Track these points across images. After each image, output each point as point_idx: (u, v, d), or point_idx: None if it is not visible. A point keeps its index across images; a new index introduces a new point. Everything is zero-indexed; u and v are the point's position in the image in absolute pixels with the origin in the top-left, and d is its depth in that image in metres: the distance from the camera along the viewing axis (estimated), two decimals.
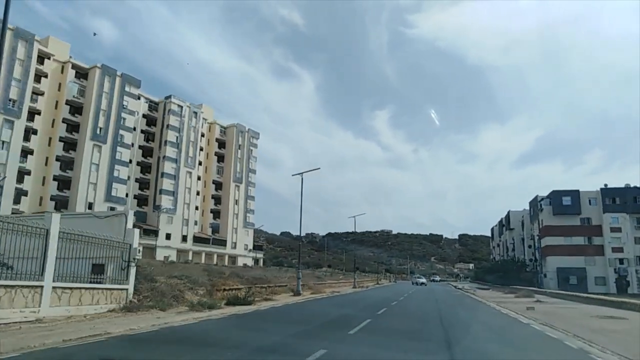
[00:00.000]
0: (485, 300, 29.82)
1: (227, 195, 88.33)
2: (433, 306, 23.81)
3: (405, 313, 20.04)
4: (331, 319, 16.63)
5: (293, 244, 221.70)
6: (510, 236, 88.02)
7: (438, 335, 12.15)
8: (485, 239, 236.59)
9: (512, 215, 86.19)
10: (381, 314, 18.08)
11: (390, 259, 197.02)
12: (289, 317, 16.94)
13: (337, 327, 13.42)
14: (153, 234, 74.31)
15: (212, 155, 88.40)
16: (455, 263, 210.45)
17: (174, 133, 78.85)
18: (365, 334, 11.94)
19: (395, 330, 13.58)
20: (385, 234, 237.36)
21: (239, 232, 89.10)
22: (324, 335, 11.40)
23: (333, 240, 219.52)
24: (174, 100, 79.46)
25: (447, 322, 15.71)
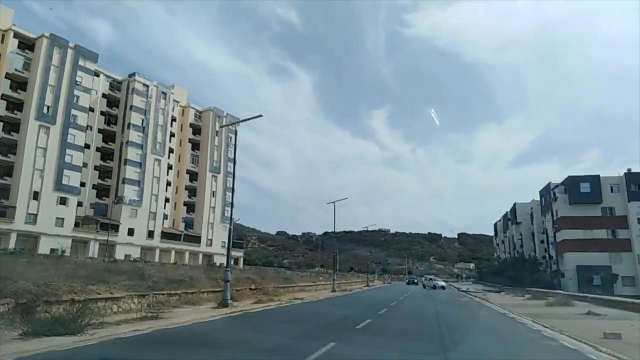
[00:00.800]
0: (510, 312, 20.00)
1: (203, 186, 78.46)
2: (432, 327, 14.15)
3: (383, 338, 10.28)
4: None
5: (287, 244, 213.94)
6: (517, 231, 78.26)
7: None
8: (486, 238, 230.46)
9: (518, 207, 76.46)
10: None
11: (387, 258, 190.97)
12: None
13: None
14: (113, 229, 64.45)
15: (185, 142, 78.56)
16: (455, 263, 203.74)
17: (139, 115, 69.03)
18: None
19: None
20: (383, 233, 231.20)
21: (215, 228, 79.22)
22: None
23: (329, 240, 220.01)
24: (139, 79, 69.68)
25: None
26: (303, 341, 10.32)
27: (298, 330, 12.91)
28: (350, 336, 11.36)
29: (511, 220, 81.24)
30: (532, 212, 70.11)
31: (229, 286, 19.01)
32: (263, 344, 10.13)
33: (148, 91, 70.48)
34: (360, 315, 16.46)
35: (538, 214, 68.06)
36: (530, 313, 18.82)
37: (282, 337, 11.25)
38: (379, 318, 16.39)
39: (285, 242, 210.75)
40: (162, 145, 72.11)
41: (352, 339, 10.82)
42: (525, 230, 74.57)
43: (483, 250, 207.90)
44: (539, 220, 67.81)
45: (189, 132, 78.92)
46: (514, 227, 79.53)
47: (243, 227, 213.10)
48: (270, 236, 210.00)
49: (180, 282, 20.73)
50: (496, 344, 11.42)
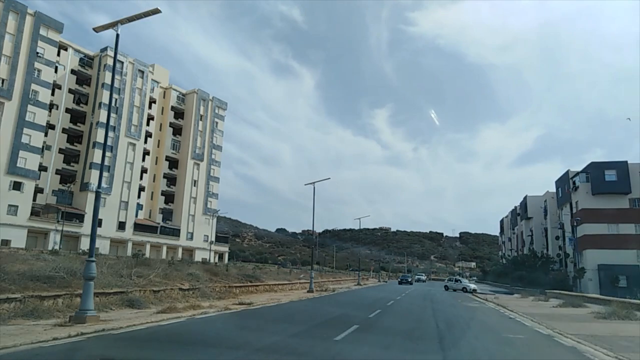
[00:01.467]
0: (560, 334, 12.31)
1: (184, 175, 71.11)
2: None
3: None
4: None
5: (284, 240, 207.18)
6: (527, 227, 70.60)
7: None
8: (488, 237, 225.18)
9: (530, 201, 68.78)
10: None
11: (387, 256, 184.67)
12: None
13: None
14: (77, 218, 57.23)
15: (166, 126, 71.23)
16: (456, 262, 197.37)
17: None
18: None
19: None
20: (384, 232, 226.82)
21: (197, 220, 71.85)
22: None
23: (330, 238, 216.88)
24: (112, 53, 62.31)
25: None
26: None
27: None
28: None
29: (521, 215, 73.56)
30: (546, 205, 62.44)
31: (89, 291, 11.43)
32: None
33: (123, 68, 63.15)
34: (309, 339, 9.10)
35: (553, 207, 60.40)
36: (599, 335, 11.28)
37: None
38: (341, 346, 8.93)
39: (282, 239, 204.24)
40: (138, 128, 64.79)
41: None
42: (536, 225, 66.90)
43: (485, 250, 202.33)
44: (553, 214, 60.15)
45: (170, 116, 71.60)
46: (524, 223, 71.86)
47: (239, 223, 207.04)
48: (267, 233, 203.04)
49: (48, 281, 13.33)
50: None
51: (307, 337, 10.35)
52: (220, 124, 77.88)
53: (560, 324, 14.37)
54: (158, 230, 66.53)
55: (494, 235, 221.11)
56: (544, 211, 63.56)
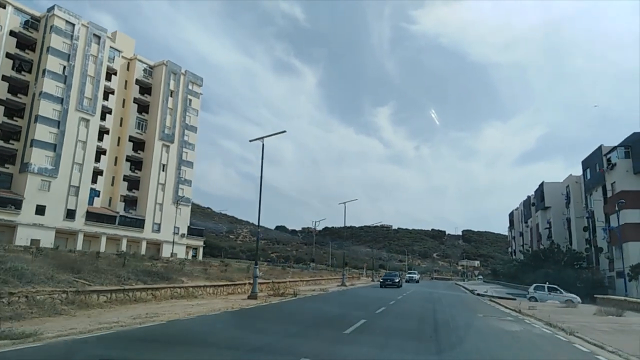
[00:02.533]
0: None
1: (150, 158, 61.20)
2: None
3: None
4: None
5: (281, 237, 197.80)
6: (543, 218, 60.34)
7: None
8: (491, 235, 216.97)
9: (547, 188, 58.51)
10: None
11: (388, 255, 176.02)
12: None
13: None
14: (13, 205, 47.47)
15: (129, 102, 61.28)
16: (459, 260, 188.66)
17: (59, 61, 51.95)
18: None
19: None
20: (385, 229, 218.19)
21: (165, 210, 61.84)
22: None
23: (330, 235, 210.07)
24: (60, 13, 52.52)
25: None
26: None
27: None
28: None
29: (536, 205, 63.26)
30: (569, 192, 52.21)
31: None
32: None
33: (74, 31, 53.36)
34: None
35: (578, 193, 50.24)
36: None
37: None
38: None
39: (279, 236, 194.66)
40: (93, 101, 54.90)
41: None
42: (556, 216, 56.66)
43: (488, 248, 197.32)
44: (578, 201, 49.96)
45: (134, 91, 61.64)
46: (540, 214, 61.58)
47: (235, 219, 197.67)
48: (264, 229, 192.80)
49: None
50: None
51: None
52: (195, 102, 67.90)
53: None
54: (117, 220, 56.60)
55: (497, 234, 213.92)
56: (565, 198, 53.25)
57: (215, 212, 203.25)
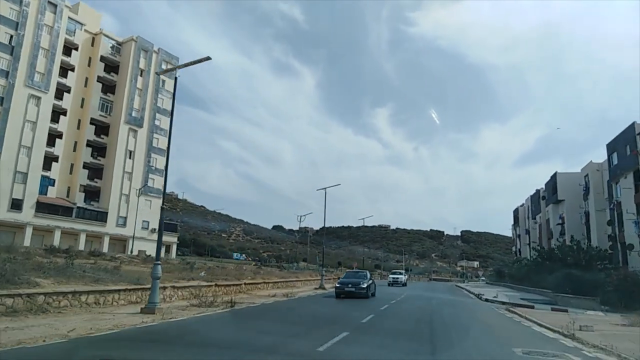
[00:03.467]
0: None
1: (115, 143, 54.00)
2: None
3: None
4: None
5: (275, 237, 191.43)
6: (555, 213, 53.09)
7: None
8: (490, 235, 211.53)
9: (561, 179, 51.27)
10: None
11: (387, 255, 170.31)
12: None
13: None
14: None
15: (93, 81, 54.07)
16: (458, 261, 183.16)
17: (5, 29, 44.82)
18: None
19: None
20: (383, 229, 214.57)
21: (132, 202, 54.60)
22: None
23: (328, 235, 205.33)
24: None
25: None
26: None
27: None
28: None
29: (547, 198, 55.94)
30: (587, 182, 44.94)
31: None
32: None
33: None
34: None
35: (599, 183, 42.97)
36: None
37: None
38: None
39: (274, 236, 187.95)
40: (46, 77, 47.72)
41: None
42: (570, 210, 49.35)
43: (487, 249, 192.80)
44: (599, 192, 42.68)
45: (99, 68, 54.43)
46: (551, 208, 54.32)
47: (229, 218, 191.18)
48: (258, 228, 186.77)
49: None
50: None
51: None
52: (169, 84, 60.57)
53: None
54: (74, 212, 49.38)
55: (496, 234, 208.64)
56: (584, 189, 45.94)
57: (208, 210, 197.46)
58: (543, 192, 58.28)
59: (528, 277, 40.01)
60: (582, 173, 46.97)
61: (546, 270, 36.21)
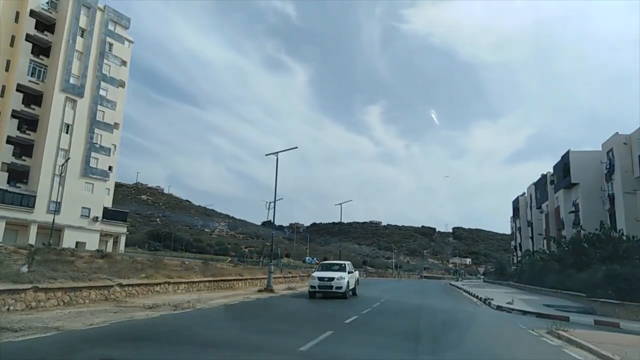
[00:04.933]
0: None
1: (48, 114, 44.56)
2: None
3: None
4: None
5: (261, 233, 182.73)
6: (567, 199, 44.44)
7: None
8: (482, 232, 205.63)
9: (575, 159, 42.67)
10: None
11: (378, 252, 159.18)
12: None
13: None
14: None
15: (20, 40, 44.43)
16: (450, 258, 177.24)
17: None
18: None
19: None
20: (374, 226, 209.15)
21: (69, 185, 45.10)
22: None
23: (318, 231, 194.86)
24: None
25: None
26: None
27: None
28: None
29: (556, 183, 47.29)
30: (612, 158, 36.26)
31: None
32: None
33: None
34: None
35: (626, 158, 34.36)
36: None
37: None
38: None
39: (259, 231, 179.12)
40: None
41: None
42: (587, 194, 40.68)
43: (480, 246, 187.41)
44: (627, 169, 34.07)
45: (29, 25, 44.85)
46: (562, 194, 45.68)
47: (215, 213, 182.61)
48: (243, 223, 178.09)
49: None
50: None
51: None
52: (119, 49, 51.26)
53: None
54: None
55: (488, 231, 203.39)
56: (607, 168, 37.19)
57: (193, 205, 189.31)
58: (551, 176, 49.63)
59: (545, 275, 31.13)
60: (604, 149, 38.24)
61: (572, 266, 27.42)
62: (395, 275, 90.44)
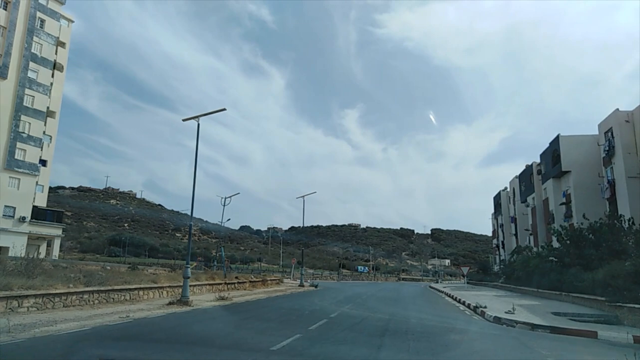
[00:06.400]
0: None
1: None
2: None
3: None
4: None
5: (236, 236, 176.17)
6: (557, 190, 39.45)
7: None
8: (460, 233, 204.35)
9: (566, 144, 37.67)
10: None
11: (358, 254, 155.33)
12: None
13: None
14: None
15: None
16: (429, 259, 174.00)
17: None
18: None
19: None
20: (354, 229, 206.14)
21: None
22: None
23: (296, 235, 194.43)
24: None
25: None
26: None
27: None
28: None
29: (544, 172, 42.35)
30: (611, 139, 31.34)
31: None
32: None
33: None
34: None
35: (629, 137, 29.44)
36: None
37: None
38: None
39: (234, 235, 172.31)
40: None
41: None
42: (581, 183, 35.77)
43: (458, 246, 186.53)
44: (630, 150, 29.13)
45: None
46: (551, 185, 40.76)
47: (187, 217, 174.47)
48: (217, 227, 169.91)
49: None
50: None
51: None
52: (52, 25, 44.35)
53: None
54: None
55: (466, 232, 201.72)
56: (605, 150, 32.20)
57: (166, 209, 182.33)
58: (538, 166, 44.72)
59: (543, 274, 25.68)
60: (601, 129, 33.27)
61: (578, 263, 22.04)
62: (371, 278, 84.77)
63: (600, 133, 33.27)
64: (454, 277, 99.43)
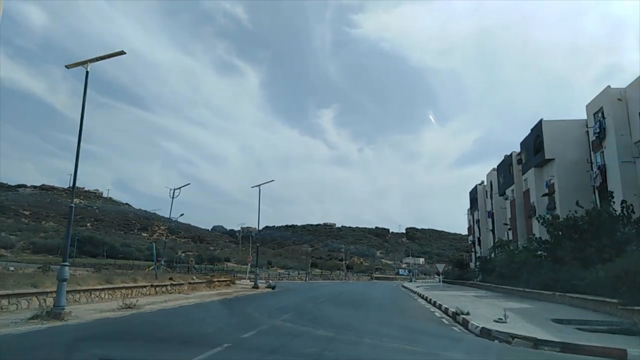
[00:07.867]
0: None
1: None
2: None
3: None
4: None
5: (206, 236, 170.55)
6: (539, 180, 35.95)
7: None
8: (434, 232, 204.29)
9: (549, 129, 33.86)
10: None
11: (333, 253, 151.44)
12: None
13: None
14: None
15: None
16: (403, 258, 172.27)
17: None
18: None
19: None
20: (328, 227, 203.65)
21: None
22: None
23: (271, 234, 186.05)
24: None
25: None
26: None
27: None
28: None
29: (525, 161, 38.96)
30: (602, 121, 27.98)
31: None
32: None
33: None
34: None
35: (622, 118, 26.06)
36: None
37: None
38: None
39: (204, 234, 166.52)
40: None
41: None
42: (566, 171, 32.43)
43: (432, 245, 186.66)
44: (623, 132, 25.71)
45: None
46: (532, 175, 37.34)
47: (156, 216, 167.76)
48: (187, 227, 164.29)
49: None
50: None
51: None
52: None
53: None
54: None
55: (441, 231, 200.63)
56: (595, 133, 28.81)
57: (132, 208, 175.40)
58: (518, 155, 41.43)
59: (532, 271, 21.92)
60: (590, 110, 29.93)
61: (574, 257, 18.33)
62: (342, 277, 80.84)
63: (589, 115, 29.90)
64: (428, 276, 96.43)
